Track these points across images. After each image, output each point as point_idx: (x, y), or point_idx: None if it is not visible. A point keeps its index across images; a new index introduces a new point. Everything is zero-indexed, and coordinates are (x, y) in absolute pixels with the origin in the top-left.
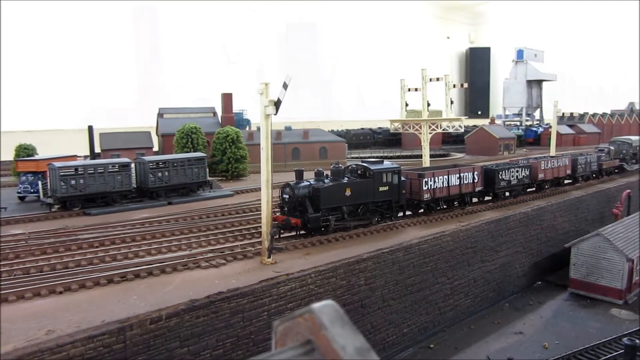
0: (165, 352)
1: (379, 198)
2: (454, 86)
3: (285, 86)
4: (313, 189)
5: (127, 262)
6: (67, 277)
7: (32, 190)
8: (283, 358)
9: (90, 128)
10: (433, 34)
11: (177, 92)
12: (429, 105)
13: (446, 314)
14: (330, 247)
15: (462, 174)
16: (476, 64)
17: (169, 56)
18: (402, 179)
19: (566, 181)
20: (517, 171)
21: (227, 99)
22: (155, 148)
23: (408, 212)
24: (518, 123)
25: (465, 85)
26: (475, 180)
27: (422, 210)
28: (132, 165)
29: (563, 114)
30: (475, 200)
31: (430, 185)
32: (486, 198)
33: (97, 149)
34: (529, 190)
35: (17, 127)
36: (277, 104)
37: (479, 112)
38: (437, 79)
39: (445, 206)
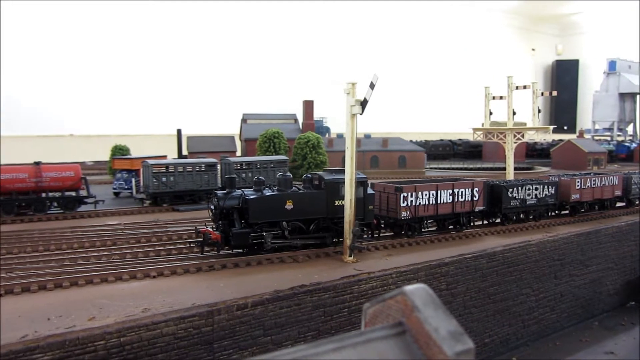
0: (249, 339)
1: (334, 214)
2: (542, 94)
3: (372, 86)
4: (243, 200)
5: (214, 254)
6: (159, 264)
7: (126, 187)
8: (375, 336)
9: (179, 131)
10: (517, 46)
11: (260, 99)
12: (514, 114)
13: (530, 327)
14: (411, 249)
15: (456, 190)
16: (563, 76)
17: (252, 64)
18: (370, 192)
19: (618, 204)
20: (537, 189)
21: (308, 106)
22: (239, 152)
23: (389, 232)
24: (609, 138)
25: (554, 93)
26: (475, 198)
27: (403, 232)
28: (218, 165)
29: None
30: (479, 222)
31: (411, 201)
32: (497, 220)
33: (185, 152)
34: (562, 212)
35: (111, 132)
36: (364, 103)
37: (565, 127)
38: (524, 87)
39: (434, 227)
